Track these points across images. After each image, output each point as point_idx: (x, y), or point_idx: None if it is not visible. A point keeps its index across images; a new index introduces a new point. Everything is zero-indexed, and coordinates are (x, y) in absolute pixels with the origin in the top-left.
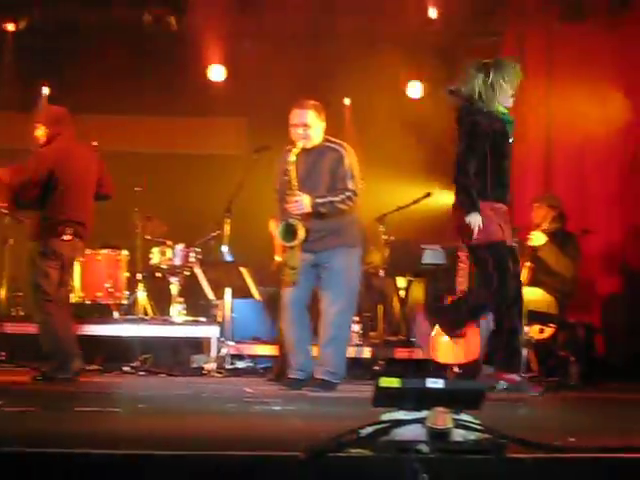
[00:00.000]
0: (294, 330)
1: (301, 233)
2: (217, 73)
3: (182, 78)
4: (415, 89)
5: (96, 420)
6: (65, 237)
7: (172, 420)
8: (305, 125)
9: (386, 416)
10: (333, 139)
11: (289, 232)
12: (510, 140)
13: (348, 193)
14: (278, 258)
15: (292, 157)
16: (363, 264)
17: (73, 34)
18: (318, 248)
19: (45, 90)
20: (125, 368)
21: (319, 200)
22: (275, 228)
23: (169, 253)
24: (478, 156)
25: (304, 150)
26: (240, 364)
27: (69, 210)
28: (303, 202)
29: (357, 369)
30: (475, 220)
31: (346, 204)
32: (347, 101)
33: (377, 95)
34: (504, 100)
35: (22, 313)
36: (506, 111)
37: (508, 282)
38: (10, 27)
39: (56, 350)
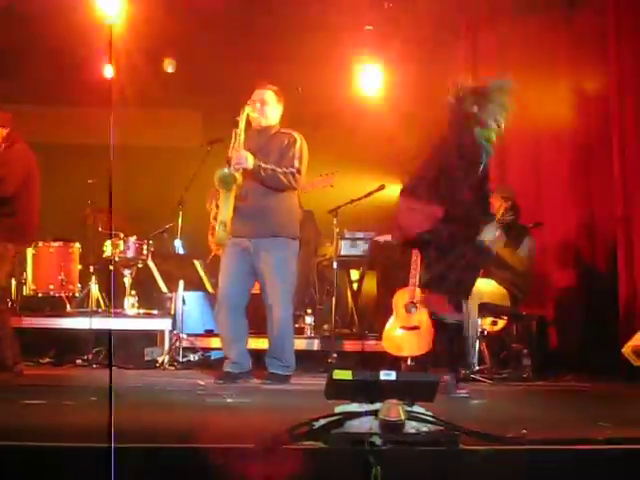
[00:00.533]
0: (228, 323)
1: (238, 178)
2: (170, 65)
3: (133, 69)
4: (370, 83)
5: (47, 413)
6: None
7: (125, 413)
8: (262, 101)
9: (339, 408)
10: (288, 128)
11: (227, 181)
12: None
13: (292, 169)
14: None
15: (243, 115)
16: (317, 256)
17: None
18: (253, 233)
19: None
20: (78, 361)
21: (262, 164)
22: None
23: (122, 246)
24: None
25: (257, 130)
26: (193, 357)
27: (35, 212)
28: (247, 157)
29: (310, 361)
30: None
31: (287, 178)
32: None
33: (331, 88)
34: None
35: None
36: None
37: None
38: None
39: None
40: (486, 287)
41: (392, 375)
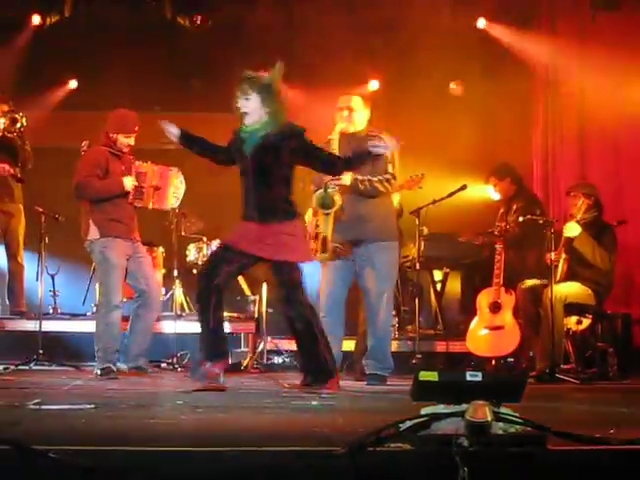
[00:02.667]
0: (325, 325)
1: (337, 200)
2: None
3: (218, 74)
4: (456, 85)
5: (131, 417)
6: None
7: (210, 416)
8: (349, 108)
9: (426, 410)
10: (376, 129)
11: (326, 200)
12: (247, 156)
13: (387, 175)
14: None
15: (334, 135)
16: (400, 257)
17: (103, 31)
18: (356, 238)
19: (73, 84)
20: (163, 364)
21: (359, 177)
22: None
23: (205, 249)
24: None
25: (346, 135)
26: (277, 359)
27: None
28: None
29: (395, 363)
30: None
31: (384, 186)
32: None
33: (419, 89)
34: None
35: (60, 311)
36: (248, 129)
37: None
38: (36, 21)
39: None
40: (570, 289)
41: (478, 376)
